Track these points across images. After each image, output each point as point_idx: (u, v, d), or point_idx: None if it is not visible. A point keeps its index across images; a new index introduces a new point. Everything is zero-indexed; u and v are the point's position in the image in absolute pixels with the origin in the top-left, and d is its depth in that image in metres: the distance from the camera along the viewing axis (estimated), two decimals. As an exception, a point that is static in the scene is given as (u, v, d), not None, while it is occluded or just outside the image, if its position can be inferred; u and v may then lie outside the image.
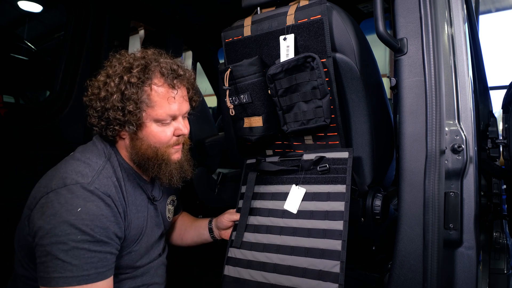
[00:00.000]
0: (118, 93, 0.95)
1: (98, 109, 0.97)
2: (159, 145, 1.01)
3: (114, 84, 0.95)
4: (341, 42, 1.13)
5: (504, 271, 1.41)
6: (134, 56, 1.01)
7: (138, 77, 0.95)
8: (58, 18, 2.29)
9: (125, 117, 0.95)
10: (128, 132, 1.00)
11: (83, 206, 0.88)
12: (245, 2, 1.28)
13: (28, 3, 2.32)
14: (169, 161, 1.04)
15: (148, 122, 0.98)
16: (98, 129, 1.00)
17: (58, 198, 0.88)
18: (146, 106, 0.96)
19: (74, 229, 0.85)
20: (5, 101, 1.77)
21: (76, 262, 0.85)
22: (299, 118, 1.20)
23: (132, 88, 0.94)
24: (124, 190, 1.01)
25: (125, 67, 0.97)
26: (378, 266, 1.33)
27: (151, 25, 2.52)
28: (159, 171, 1.03)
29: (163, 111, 0.98)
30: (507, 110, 1.41)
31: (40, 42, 2.55)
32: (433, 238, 0.89)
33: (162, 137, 1.01)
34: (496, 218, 1.50)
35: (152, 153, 1.01)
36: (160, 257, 1.20)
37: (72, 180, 0.91)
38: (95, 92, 0.98)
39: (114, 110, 0.95)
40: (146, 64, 0.98)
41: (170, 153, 1.04)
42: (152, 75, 0.97)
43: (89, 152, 1.02)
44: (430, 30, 0.95)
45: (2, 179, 1.63)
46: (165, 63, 1.00)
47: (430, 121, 0.91)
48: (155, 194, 1.16)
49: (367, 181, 1.21)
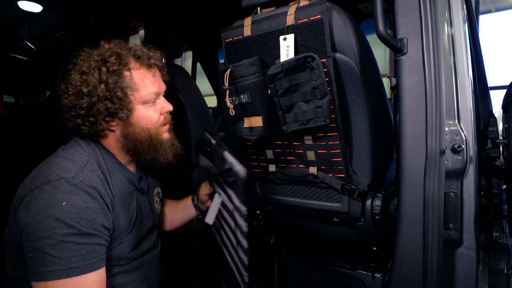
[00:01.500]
0: (102, 84, 0.97)
1: (84, 105, 0.97)
2: (151, 126, 1.05)
3: (95, 77, 0.97)
4: (341, 42, 1.13)
5: (504, 271, 1.41)
6: (102, 48, 1.03)
7: (117, 64, 0.98)
8: (58, 18, 2.29)
9: (115, 105, 0.97)
10: (120, 121, 1.02)
11: (68, 200, 0.88)
12: (245, 2, 1.28)
13: (28, 3, 2.32)
14: (162, 141, 1.08)
15: (136, 106, 1.02)
16: (87, 128, 1.00)
17: (42, 194, 0.89)
18: (131, 90, 1.00)
19: (59, 223, 0.86)
20: (5, 101, 1.77)
21: (64, 255, 0.85)
22: (299, 118, 1.20)
23: (114, 76, 0.97)
24: (110, 182, 1.02)
25: (98, 59, 0.99)
26: (379, 266, 1.33)
27: (151, 25, 2.52)
28: (155, 152, 1.06)
29: (148, 91, 1.02)
30: (507, 110, 1.41)
31: (40, 42, 2.55)
32: (433, 238, 0.89)
33: (152, 118, 1.05)
34: (496, 218, 1.50)
35: (146, 136, 1.04)
36: (154, 251, 1.19)
37: (56, 176, 0.92)
38: (76, 90, 0.98)
39: (102, 101, 0.97)
40: (119, 52, 1.01)
41: (161, 132, 1.08)
42: (127, 60, 1.01)
43: (72, 148, 1.03)
44: (430, 30, 0.95)
45: (2, 179, 1.63)
46: (135, 47, 1.05)
47: (430, 121, 0.91)
48: (142, 185, 1.16)
49: (367, 181, 1.21)
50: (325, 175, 1.26)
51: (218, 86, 2.35)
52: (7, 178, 1.65)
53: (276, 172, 1.39)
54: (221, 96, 1.34)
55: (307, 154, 1.27)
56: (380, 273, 1.32)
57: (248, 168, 1.48)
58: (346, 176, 1.21)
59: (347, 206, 1.24)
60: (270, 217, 1.55)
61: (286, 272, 1.61)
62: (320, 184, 1.28)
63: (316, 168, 1.27)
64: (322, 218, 1.34)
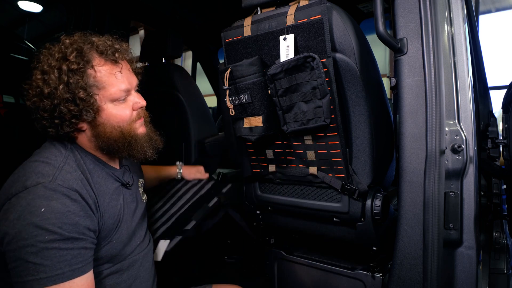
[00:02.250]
0: (62, 84, 0.90)
1: (47, 107, 0.91)
2: (123, 124, 0.99)
3: (55, 77, 0.91)
4: (341, 42, 1.12)
5: (504, 271, 1.41)
6: (63, 44, 0.95)
7: (77, 62, 0.91)
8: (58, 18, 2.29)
9: (79, 106, 0.91)
10: (87, 121, 0.95)
11: (47, 206, 0.84)
12: (245, 2, 1.28)
13: (28, 3, 2.32)
14: (137, 137, 1.02)
15: (104, 104, 0.95)
16: (54, 130, 0.95)
17: (19, 201, 0.85)
18: (97, 89, 0.93)
19: (40, 230, 0.82)
20: (5, 101, 1.77)
21: (48, 263, 0.82)
22: (299, 118, 1.20)
23: (75, 76, 0.90)
24: (91, 181, 0.97)
25: (59, 57, 0.92)
26: (379, 266, 1.33)
27: (151, 25, 2.53)
28: (131, 149, 1.01)
29: (116, 89, 0.95)
30: (507, 110, 1.41)
31: (40, 42, 2.55)
32: (433, 238, 0.89)
33: (123, 115, 0.99)
34: (496, 218, 1.50)
35: (118, 134, 0.98)
36: (145, 248, 1.15)
37: (33, 181, 0.87)
38: (37, 91, 0.92)
39: (65, 103, 0.91)
40: (80, 48, 0.93)
41: (135, 128, 1.02)
42: (90, 56, 0.93)
43: (47, 151, 0.97)
44: (430, 30, 0.95)
45: (2, 179, 1.63)
46: (98, 41, 0.96)
47: (430, 121, 0.91)
48: (127, 180, 1.12)
49: (367, 181, 1.21)
50: (325, 175, 1.26)
51: (218, 86, 2.35)
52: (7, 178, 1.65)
53: (276, 172, 1.39)
54: (221, 96, 1.34)
55: (307, 154, 1.27)
56: (380, 273, 1.32)
57: (248, 168, 1.49)
58: (346, 176, 1.21)
59: (347, 206, 1.24)
60: (270, 217, 1.55)
61: (286, 272, 1.61)
62: (320, 184, 1.28)
63: (316, 168, 1.27)
64: (322, 218, 1.34)
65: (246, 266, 2.04)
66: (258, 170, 1.46)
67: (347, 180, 1.21)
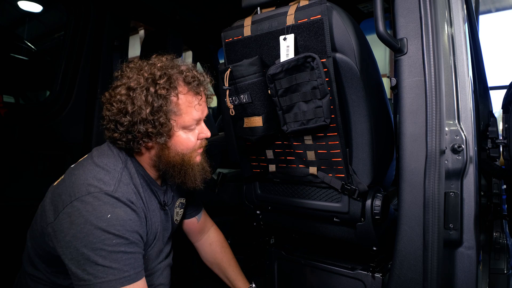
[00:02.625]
0: (147, 105, 0.94)
1: (125, 124, 0.95)
2: (186, 151, 1.03)
3: (141, 97, 0.94)
4: (341, 42, 1.12)
5: (504, 271, 1.41)
6: (154, 66, 1.00)
7: (166, 88, 0.95)
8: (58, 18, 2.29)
9: (156, 129, 0.95)
10: (158, 143, 0.99)
11: (112, 213, 0.89)
12: (245, 2, 1.28)
13: (28, 3, 2.32)
14: (194, 165, 1.05)
15: (176, 130, 1.00)
16: (123, 144, 0.98)
17: (85, 206, 0.89)
18: (174, 115, 0.98)
19: (108, 234, 0.87)
20: (5, 101, 1.77)
21: (116, 266, 0.87)
22: (299, 118, 1.20)
23: (160, 100, 0.94)
24: (142, 196, 1.03)
25: (148, 78, 0.96)
26: (379, 266, 1.33)
27: (151, 25, 2.52)
28: (185, 177, 1.04)
29: (190, 118, 1.00)
30: (507, 110, 1.41)
31: (40, 42, 2.55)
32: (433, 238, 0.89)
33: (189, 143, 1.03)
34: (496, 218, 1.50)
35: (179, 160, 1.02)
36: (167, 259, 1.21)
37: (96, 188, 0.92)
38: (121, 106, 0.95)
39: (144, 124, 0.94)
40: (169, 74, 0.98)
41: (194, 156, 1.05)
42: (177, 84, 0.98)
43: (106, 157, 1.01)
44: (430, 30, 0.95)
45: (2, 179, 1.63)
46: (187, 70, 1.01)
47: (430, 121, 0.91)
48: (167, 199, 1.16)
49: (367, 181, 1.21)
50: (325, 175, 1.26)
51: (218, 86, 2.35)
52: (7, 178, 1.65)
53: (276, 172, 1.39)
54: (221, 96, 1.34)
55: (307, 154, 1.27)
56: (380, 273, 1.32)
57: (248, 168, 1.49)
58: (346, 176, 1.21)
59: (347, 206, 1.24)
60: (270, 217, 1.55)
61: (286, 272, 1.61)
62: (320, 184, 1.28)
63: (316, 168, 1.27)
64: (322, 218, 1.34)
65: (246, 266, 2.04)
66: (258, 170, 1.46)
67: (347, 180, 1.21)
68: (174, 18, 2.36)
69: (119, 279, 0.88)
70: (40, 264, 1.02)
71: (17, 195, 1.63)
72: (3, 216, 1.56)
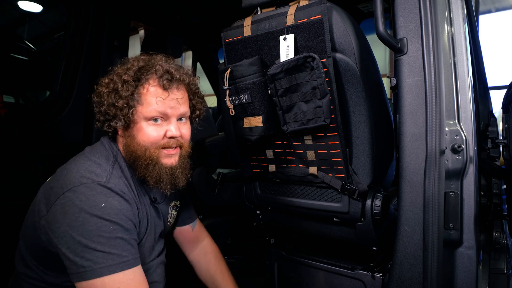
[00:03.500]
0: (112, 90, 1.02)
1: (97, 103, 1.05)
2: (148, 144, 1.02)
3: (113, 82, 1.03)
4: (341, 42, 1.12)
5: (504, 271, 1.41)
6: (139, 58, 1.07)
7: (133, 76, 1.01)
8: (58, 18, 2.29)
9: (115, 112, 1.01)
10: (120, 129, 1.04)
11: (106, 202, 0.92)
12: (245, 2, 1.28)
13: (28, 3, 2.32)
14: (158, 163, 1.03)
15: (138, 119, 1.02)
16: (100, 124, 1.06)
17: (77, 195, 0.91)
18: (137, 104, 1.01)
19: (104, 221, 0.90)
20: (5, 101, 1.77)
21: (115, 251, 0.89)
22: (299, 118, 1.20)
23: (125, 86, 1.01)
24: (133, 189, 1.05)
25: (126, 67, 1.04)
26: (379, 266, 1.33)
27: (151, 25, 2.52)
28: (146, 172, 1.03)
29: (152, 109, 1.01)
30: (507, 110, 1.41)
31: (40, 42, 2.55)
32: (433, 238, 0.89)
33: (151, 135, 1.02)
34: (496, 218, 1.50)
35: (141, 152, 1.02)
36: (159, 257, 1.21)
37: (88, 179, 0.94)
38: (99, 90, 1.05)
39: (106, 105, 1.02)
40: (145, 65, 1.03)
41: (159, 155, 1.03)
42: (148, 76, 1.02)
43: (98, 152, 1.06)
44: (430, 30, 0.95)
45: (2, 179, 1.63)
46: (162, 65, 1.04)
47: (430, 121, 0.91)
48: (157, 195, 1.17)
49: (367, 181, 1.21)
50: (325, 175, 1.26)
51: (218, 86, 2.35)
52: (7, 178, 1.65)
53: (276, 172, 1.39)
54: (221, 96, 1.34)
55: (307, 154, 1.27)
56: (380, 273, 1.32)
57: (248, 168, 1.49)
58: (346, 176, 1.21)
59: (347, 206, 1.24)
60: (270, 217, 1.55)
61: (286, 272, 1.61)
62: (320, 184, 1.28)
63: (316, 168, 1.27)
64: (322, 218, 1.34)
65: (246, 266, 2.04)
66: (258, 170, 1.46)
67: (347, 180, 1.21)
68: (174, 18, 2.36)
69: (119, 263, 0.89)
70: (31, 262, 1.03)
71: (17, 195, 1.63)
72: (3, 216, 1.56)
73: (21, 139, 1.70)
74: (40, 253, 0.99)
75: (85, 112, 1.94)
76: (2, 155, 1.63)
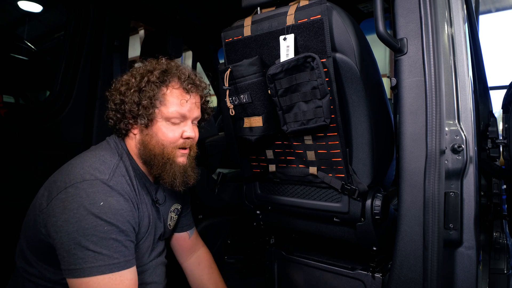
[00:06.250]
0: (136, 88, 1.04)
1: (117, 101, 1.06)
2: (166, 143, 1.06)
3: (135, 81, 1.05)
4: (341, 42, 1.12)
5: (504, 271, 1.41)
6: (158, 62, 1.11)
7: (158, 77, 1.05)
8: (58, 18, 2.29)
9: (139, 111, 1.03)
10: (140, 127, 1.07)
11: (105, 201, 0.92)
12: (245, 2, 1.28)
13: (28, 3, 2.31)
14: (174, 162, 1.08)
15: (159, 119, 1.05)
16: (113, 122, 1.08)
17: (79, 192, 0.92)
18: (159, 104, 1.04)
19: (100, 221, 0.90)
20: (5, 101, 1.77)
21: (106, 252, 0.90)
22: (299, 118, 1.20)
23: (150, 86, 1.04)
24: (136, 188, 1.06)
25: (148, 69, 1.08)
26: (379, 266, 1.33)
27: (151, 25, 2.52)
28: (163, 170, 1.07)
29: (174, 110, 1.05)
30: (507, 110, 1.41)
31: (40, 42, 2.54)
32: (433, 238, 0.89)
33: (170, 135, 1.06)
34: (496, 218, 1.50)
35: (159, 150, 1.06)
36: (159, 257, 1.21)
37: (91, 176, 0.95)
38: (117, 87, 1.08)
39: (130, 103, 1.04)
40: (167, 69, 1.08)
41: (176, 154, 1.08)
42: (171, 78, 1.07)
43: (103, 150, 1.07)
44: (430, 30, 0.95)
45: (2, 179, 1.63)
46: (184, 70, 1.10)
47: (430, 121, 0.91)
48: (158, 197, 1.18)
49: (367, 181, 1.21)
50: (325, 175, 1.26)
51: (218, 86, 2.35)
52: (7, 178, 1.65)
53: (276, 172, 1.39)
54: (221, 96, 1.34)
55: (307, 154, 1.27)
56: (380, 273, 1.32)
57: (248, 168, 1.49)
58: (346, 176, 1.21)
59: (347, 206, 1.24)
60: (270, 217, 1.55)
61: (286, 272, 1.61)
62: (320, 184, 1.28)
63: (316, 168, 1.27)
64: (322, 218, 1.34)
65: (246, 266, 2.04)
66: (258, 170, 1.46)
67: (347, 180, 1.21)
68: (174, 18, 2.36)
69: (108, 265, 0.90)
70: (31, 258, 1.03)
71: (17, 195, 1.63)
72: (3, 216, 1.56)
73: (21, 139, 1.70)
74: (41, 248, 1.00)
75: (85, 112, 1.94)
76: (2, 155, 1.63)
